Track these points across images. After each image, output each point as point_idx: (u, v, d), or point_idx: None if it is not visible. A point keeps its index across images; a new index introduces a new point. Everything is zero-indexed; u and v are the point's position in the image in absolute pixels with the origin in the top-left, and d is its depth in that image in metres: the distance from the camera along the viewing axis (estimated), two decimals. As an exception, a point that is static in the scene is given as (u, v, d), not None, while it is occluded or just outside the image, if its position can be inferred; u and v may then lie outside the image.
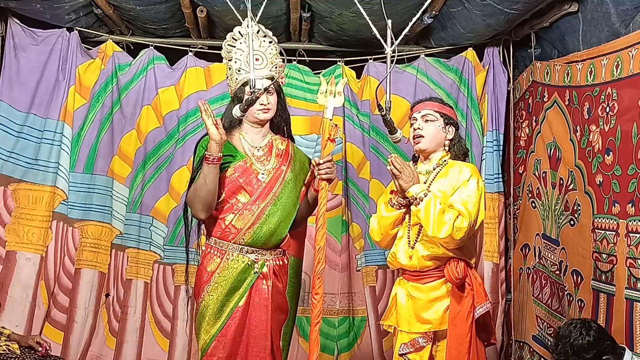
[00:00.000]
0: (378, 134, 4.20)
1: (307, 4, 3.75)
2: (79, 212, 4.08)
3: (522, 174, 4.05)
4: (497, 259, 4.10)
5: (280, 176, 2.80)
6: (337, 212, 4.20)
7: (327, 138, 2.70)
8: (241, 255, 2.73)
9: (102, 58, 4.14)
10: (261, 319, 2.71)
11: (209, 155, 2.62)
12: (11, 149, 3.97)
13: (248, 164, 2.78)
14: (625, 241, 2.83)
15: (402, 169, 2.64)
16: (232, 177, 2.75)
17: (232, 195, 2.75)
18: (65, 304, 4.04)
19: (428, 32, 4.12)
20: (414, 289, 2.73)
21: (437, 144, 2.78)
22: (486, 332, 2.77)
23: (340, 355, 4.12)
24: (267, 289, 2.73)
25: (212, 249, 2.77)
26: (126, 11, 3.91)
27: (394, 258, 2.79)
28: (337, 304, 4.16)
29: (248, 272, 2.72)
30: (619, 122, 2.91)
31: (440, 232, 2.55)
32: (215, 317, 2.69)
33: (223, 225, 2.74)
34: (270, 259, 2.77)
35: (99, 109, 4.13)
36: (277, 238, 2.78)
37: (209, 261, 2.75)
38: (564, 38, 3.54)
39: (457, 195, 2.63)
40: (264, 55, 2.82)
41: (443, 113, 2.80)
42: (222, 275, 2.71)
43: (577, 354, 2.41)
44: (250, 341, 2.70)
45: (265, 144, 2.86)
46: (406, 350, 2.73)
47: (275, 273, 2.78)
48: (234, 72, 2.82)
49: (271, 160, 2.83)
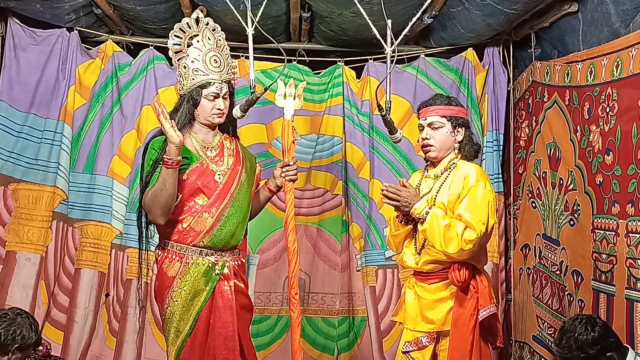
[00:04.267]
0: (378, 134, 4.20)
1: (307, 4, 3.75)
2: (79, 212, 4.08)
3: (522, 174, 4.05)
4: (497, 259, 4.10)
5: (236, 177, 2.76)
6: (337, 212, 4.20)
7: (292, 140, 2.69)
8: (201, 258, 2.68)
9: (102, 58, 4.14)
10: (227, 321, 2.67)
11: (168, 159, 2.54)
12: (11, 149, 3.96)
13: (204, 165, 2.73)
14: (625, 241, 2.83)
15: (397, 196, 2.63)
16: (190, 180, 2.68)
17: (190, 198, 2.69)
18: (65, 304, 4.04)
19: (428, 32, 4.11)
20: (421, 289, 2.76)
21: (447, 149, 2.74)
22: (492, 334, 2.76)
23: (340, 355, 4.12)
24: (230, 289, 2.70)
25: (169, 253, 2.71)
26: (126, 11, 3.91)
27: (402, 262, 2.83)
28: (337, 304, 4.16)
29: (209, 274, 2.68)
30: (619, 122, 2.91)
31: (449, 248, 2.55)
32: (183, 322, 2.66)
33: (181, 227, 2.68)
34: (229, 260, 2.75)
35: (99, 109, 4.12)
36: (236, 239, 2.76)
37: (169, 266, 2.69)
38: (564, 38, 3.54)
39: (463, 205, 2.58)
40: (221, 56, 2.77)
41: (450, 116, 2.73)
42: (183, 280, 2.66)
43: (581, 349, 2.39)
44: (218, 343, 2.66)
45: (216, 144, 2.81)
46: (409, 349, 2.75)
47: (236, 273, 2.76)
48: (190, 71, 2.71)
49: (224, 160, 2.78)
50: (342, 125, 4.20)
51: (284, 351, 3.99)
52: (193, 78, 2.71)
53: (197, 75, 2.71)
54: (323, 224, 4.21)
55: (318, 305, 4.16)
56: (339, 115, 4.19)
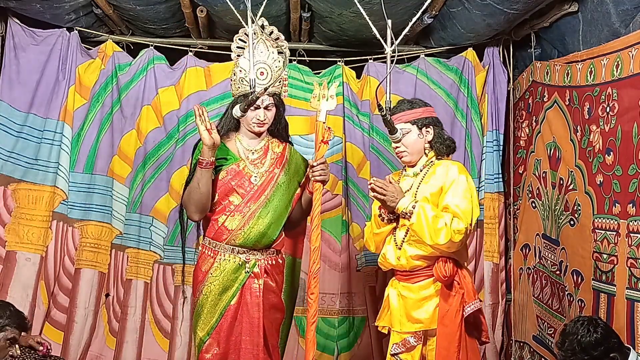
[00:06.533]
0: (378, 134, 4.20)
1: (307, 4, 3.75)
2: (79, 212, 4.08)
3: (522, 174, 4.05)
4: (497, 259, 4.10)
5: (272, 179, 2.85)
6: (337, 212, 4.20)
7: (321, 140, 2.73)
8: (232, 256, 2.80)
9: (102, 58, 4.13)
10: (253, 317, 2.78)
11: (202, 159, 2.69)
12: (11, 149, 3.96)
13: (241, 167, 2.83)
14: (626, 241, 2.83)
15: (384, 190, 2.68)
16: (224, 179, 2.81)
17: (225, 197, 2.81)
18: (65, 304, 4.04)
19: (428, 32, 4.11)
20: (405, 289, 2.77)
21: (419, 151, 2.81)
22: (477, 329, 2.80)
23: (340, 355, 4.12)
24: (259, 287, 2.80)
25: (206, 249, 2.85)
26: (126, 11, 3.91)
27: (384, 259, 2.85)
28: (337, 304, 4.16)
29: (239, 271, 2.80)
30: (619, 122, 2.91)
31: (439, 238, 2.57)
32: (210, 315, 2.78)
33: (216, 226, 2.82)
34: (262, 259, 2.84)
35: (99, 109, 4.12)
36: (268, 239, 2.83)
37: (204, 261, 2.84)
38: (564, 38, 3.54)
39: (450, 197, 2.64)
40: (270, 68, 2.84)
41: (414, 120, 2.79)
42: (214, 274, 2.79)
43: (584, 351, 2.39)
44: (243, 338, 2.77)
45: (261, 147, 2.90)
46: (398, 350, 2.76)
47: (268, 272, 2.84)
48: (237, 80, 2.85)
49: (265, 163, 2.87)
50: (342, 125, 4.19)
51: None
52: (239, 87, 2.85)
53: (241, 85, 2.83)
54: (323, 224, 4.17)
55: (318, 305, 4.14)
56: (339, 115, 4.19)
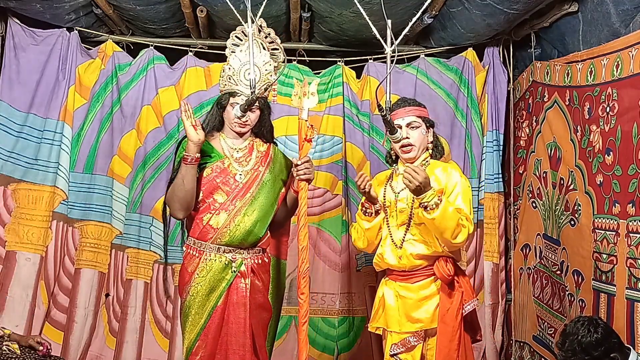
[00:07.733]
0: (378, 134, 4.20)
1: (307, 4, 3.75)
2: (79, 212, 4.08)
3: (522, 174, 4.05)
4: (497, 259, 4.10)
5: (258, 177, 2.84)
6: (337, 212, 4.20)
7: (304, 139, 2.72)
8: (218, 255, 2.77)
9: (102, 58, 4.14)
10: (239, 317, 2.75)
11: (187, 155, 2.67)
12: (11, 149, 3.96)
13: (226, 164, 2.82)
14: (625, 241, 2.83)
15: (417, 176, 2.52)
16: (209, 176, 2.79)
17: (210, 195, 2.79)
18: (65, 304, 4.04)
19: (428, 32, 4.11)
20: (403, 289, 2.75)
21: (423, 148, 2.82)
22: (473, 328, 2.82)
23: (340, 355, 4.12)
24: (245, 287, 2.77)
25: (191, 249, 2.82)
26: (126, 11, 3.91)
27: (380, 259, 2.82)
28: (337, 304, 4.16)
29: (226, 271, 2.77)
30: (619, 122, 2.91)
31: (458, 238, 2.57)
32: (198, 316, 2.75)
33: (201, 225, 2.79)
34: (249, 258, 2.81)
35: (99, 109, 4.13)
36: (254, 237, 2.80)
37: (189, 262, 2.81)
38: (564, 38, 3.54)
39: (459, 200, 2.65)
40: (259, 70, 2.82)
41: (424, 117, 2.83)
42: (200, 275, 2.76)
43: (585, 351, 2.39)
44: (230, 339, 2.75)
45: (245, 146, 2.89)
46: (397, 351, 2.75)
47: (254, 271, 2.81)
48: (225, 77, 2.85)
49: (251, 161, 2.86)
50: (342, 125, 4.20)
51: (283, 351, 3.99)
52: (224, 84, 2.86)
53: (228, 83, 2.84)
54: (323, 224, 4.21)
55: (318, 305, 4.15)
56: (339, 115, 4.19)
